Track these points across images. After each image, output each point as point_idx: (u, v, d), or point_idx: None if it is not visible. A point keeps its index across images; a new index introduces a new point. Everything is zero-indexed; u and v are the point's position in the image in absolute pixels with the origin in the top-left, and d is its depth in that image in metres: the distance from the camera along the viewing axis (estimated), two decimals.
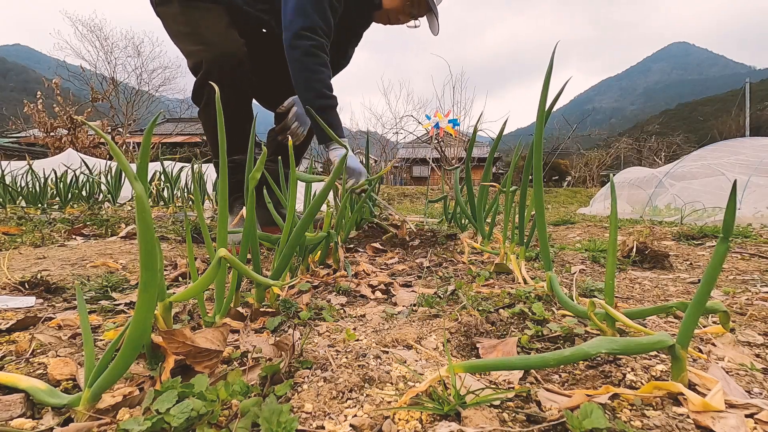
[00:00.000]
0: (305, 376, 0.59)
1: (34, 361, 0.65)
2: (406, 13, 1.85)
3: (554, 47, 0.86)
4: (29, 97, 11.73)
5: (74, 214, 3.11)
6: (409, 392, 0.51)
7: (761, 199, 4.40)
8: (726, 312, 0.59)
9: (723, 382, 0.53)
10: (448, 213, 2.37)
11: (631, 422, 0.48)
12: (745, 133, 24.29)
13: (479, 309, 0.86)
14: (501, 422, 0.47)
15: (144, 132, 0.66)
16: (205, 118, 1.76)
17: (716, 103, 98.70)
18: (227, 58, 1.62)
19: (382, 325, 0.83)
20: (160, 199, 4.21)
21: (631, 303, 0.99)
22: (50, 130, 11.24)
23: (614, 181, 0.84)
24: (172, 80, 22.68)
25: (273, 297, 0.93)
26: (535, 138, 0.92)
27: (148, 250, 0.48)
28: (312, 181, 1.35)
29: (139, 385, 0.57)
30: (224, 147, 0.78)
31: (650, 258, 1.43)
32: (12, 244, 1.77)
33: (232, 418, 0.48)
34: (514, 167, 1.54)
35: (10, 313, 0.88)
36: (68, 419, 0.50)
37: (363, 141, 2.34)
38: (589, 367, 0.62)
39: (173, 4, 1.64)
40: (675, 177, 5.91)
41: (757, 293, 1.04)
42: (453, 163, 15.00)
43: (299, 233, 0.91)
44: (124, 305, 0.96)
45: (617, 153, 25.54)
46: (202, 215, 0.85)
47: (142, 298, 0.49)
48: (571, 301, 0.80)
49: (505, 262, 1.26)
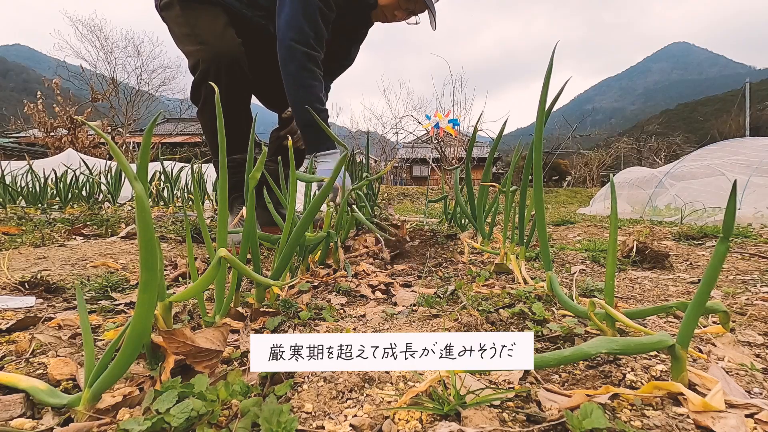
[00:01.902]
0: (305, 376, 0.59)
1: (34, 361, 0.65)
2: (402, 8, 1.84)
3: (554, 47, 0.86)
4: (29, 97, 11.74)
5: (74, 214, 3.11)
6: (409, 392, 0.51)
7: (761, 199, 4.40)
8: (726, 312, 0.59)
9: (723, 382, 0.53)
10: (448, 213, 2.37)
11: (631, 422, 0.48)
12: (745, 133, 24.28)
13: (479, 309, 0.86)
14: (501, 422, 0.47)
15: (144, 132, 0.66)
16: (203, 118, 1.77)
17: (716, 103, 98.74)
18: (224, 57, 1.64)
19: (382, 325, 0.83)
20: (160, 199, 4.21)
21: (631, 303, 0.99)
22: (50, 130, 11.24)
23: (614, 181, 0.84)
24: (172, 80, 22.72)
25: (273, 297, 0.93)
26: (535, 138, 0.92)
27: (148, 250, 0.48)
28: (312, 181, 1.35)
29: (139, 385, 0.57)
30: (224, 147, 0.78)
31: (650, 258, 1.43)
32: (12, 244, 1.77)
33: (232, 418, 0.48)
34: (514, 167, 1.54)
35: (10, 313, 0.88)
36: (68, 419, 0.50)
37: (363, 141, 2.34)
38: (589, 367, 0.62)
39: (174, 6, 1.68)
40: (675, 177, 5.91)
41: (757, 293, 1.04)
42: (453, 163, 15.01)
43: (299, 233, 0.91)
44: (124, 305, 0.96)
45: (617, 153, 25.54)
46: (202, 215, 0.85)
47: (142, 298, 0.49)
48: (571, 301, 0.80)
49: (505, 262, 1.26)
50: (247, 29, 1.74)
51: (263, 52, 1.79)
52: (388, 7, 1.84)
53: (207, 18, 1.66)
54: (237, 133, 1.67)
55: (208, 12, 1.67)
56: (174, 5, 1.68)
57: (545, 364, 0.50)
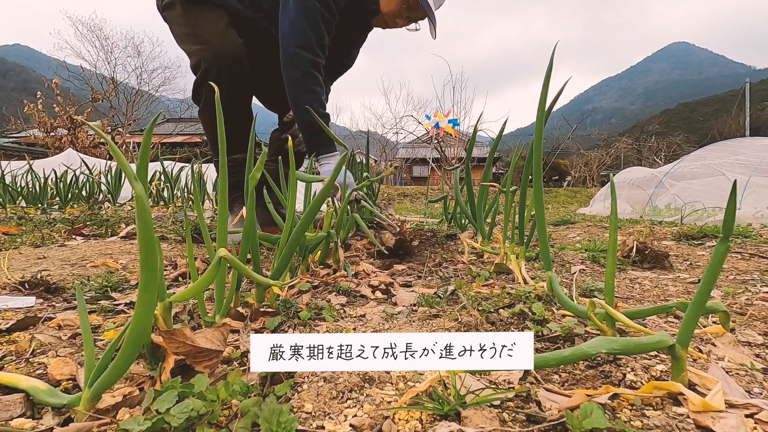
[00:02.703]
0: (305, 376, 0.59)
1: (34, 361, 0.65)
2: (403, 16, 1.87)
3: (554, 47, 0.86)
4: (29, 97, 11.73)
5: (74, 214, 3.11)
6: (409, 392, 0.51)
7: (761, 199, 4.40)
8: (726, 312, 0.59)
9: (723, 382, 0.53)
10: (448, 213, 2.37)
11: (631, 422, 0.48)
12: (745, 133, 24.29)
13: (479, 309, 0.86)
14: (501, 422, 0.47)
15: (144, 132, 0.66)
16: (204, 117, 1.78)
17: (716, 103, 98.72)
18: (225, 57, 1.64)
19: (382, 324, 0.83)
20: (160, 199, 4.21)
21: (631, 303, 0.99)
22: (50, 130, 11.24)
23: (614, 181, 0.84)
24: (172, 80, 22.74)
25: (273, 297, 0.93)
26: (535, 138, 0.92)
27: (148, 250, 0.48)
28: (312, 181, 1.35)
29: (139, 385, 0.57)
30: (224, 146, 0.78)
31: (650, 258, 1.43)
32: (12, 244, 1.77)
33: (232, 418, 0.48)
34: (514, 167, 1.54)
35: (10, 313, 0.88)
36: (68, 419, 0.50)
37: (363, 141, 2.33)
38: (589, 367, 0.62)
39: (176, 6, 1.68)
40: (675, 177, 5.91)
41: (757, 293, 1.04)
42: (453, 163, 15.01)
43: (299, 233, 0.91)
44: (124, 305, 0.96)
45: (617, 153, 25.54)
46: (201, 215, 0.85)
47: (142, 298, 0.49)
48: (571, 301, 0.80)
49: (505, 262, 1.26)
50: (248, 30, 1.74)
51: (264, 54, 1.80)
52: (389, 14, 1.86)
53: (208, 18, 1.67)
54: (238, 132, 1.68)
55: (209, 13, 1.67)
56: (176, 5, 1.68)
57: (545, 364, 0.50)
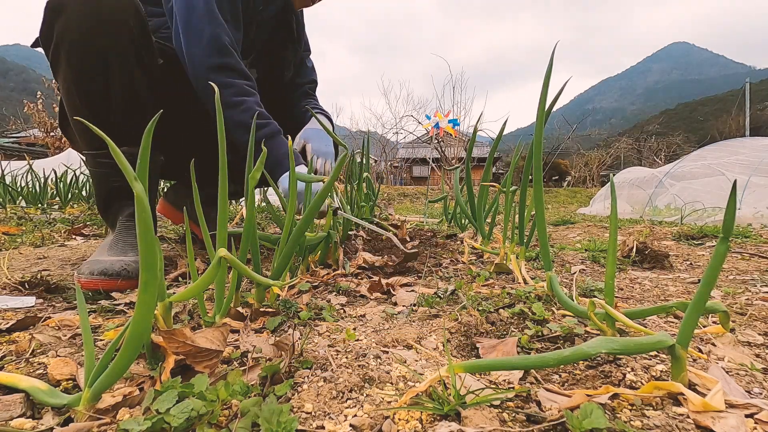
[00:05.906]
0: (305, 376, 0.59)
1: (34, 361, 0.65)
2: None
3: (554, 47, 0.86)
4: (29, 97, 11.73)
5: (74, 214, 3.11)
6: (409, 392, 0.51)
7: (761, 199, 4.40)
8: (726, 312, 0.59)
9: (723, 382, 0.53)
10: (448, 213, 2.37)
11: (631, 422, 0.48)
12: (745, 133, 24.29)
13: (479, 309, 0.86)
14: (501, 422, 0.47)
15: (143, 132, 0.66)
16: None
17: (716, 103, 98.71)
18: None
19: (382, 325, 0.83)
20: None
21: (631, 303, 0.99)
22: (50, 130, 11.24)
23: (614, 181, 0.84)
24: None
25: (273, 297, 0.93)
26: (535, 138, 0.92)
27: (148, 250, 0.47)
28: (312, 181, 1.35)
29: (139, 385, 0.57)
30: (224, 146, 0.78)
31: (650, 258, 1.43)
32: (12, 244, 1.77)
33: (232, 418, 0.48)
34: (514, 167, 1.54)
35: (10, 313, 0.88)
36: (68, 419, 0.50)
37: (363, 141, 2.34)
38: (589, 367, 0.62)
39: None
40: (675, 177, 5.92)
41: (757, 293, 1.04)
42: (453, 163, 15.02)
43: (299, 233, 0.91)
44: (124, 305, 0.96)
45: (617, 153, 25.56)
46: (201, 215, 0.85)
47: (142, 298, 0.49)
48: (571, 301, 0.80)
49: (505, 262, 1.26)
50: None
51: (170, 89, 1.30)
52: None
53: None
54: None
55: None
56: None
57: (545, 364, 0.50)
